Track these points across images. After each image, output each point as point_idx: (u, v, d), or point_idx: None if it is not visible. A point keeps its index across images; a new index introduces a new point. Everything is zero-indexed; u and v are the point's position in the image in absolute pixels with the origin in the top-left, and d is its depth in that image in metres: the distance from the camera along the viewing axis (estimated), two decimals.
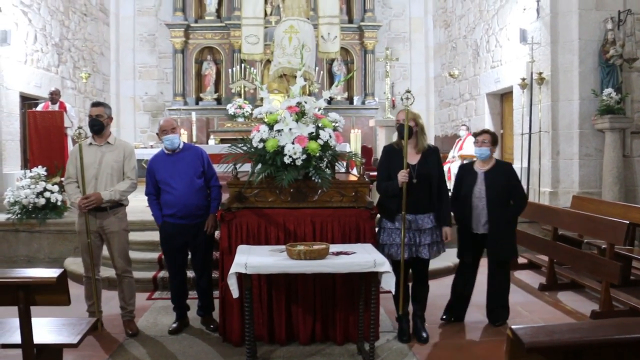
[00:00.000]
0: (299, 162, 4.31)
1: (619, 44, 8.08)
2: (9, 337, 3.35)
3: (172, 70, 15.06)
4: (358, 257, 3.92)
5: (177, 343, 4.68)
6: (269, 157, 4.39)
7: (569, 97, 8.57)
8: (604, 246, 5.72)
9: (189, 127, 13.26)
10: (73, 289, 4.18)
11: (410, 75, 16.03)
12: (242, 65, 13.37)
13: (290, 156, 4.30)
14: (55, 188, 7.64)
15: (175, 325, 4.97)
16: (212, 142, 12.55)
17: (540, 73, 8.76)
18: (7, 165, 8.97)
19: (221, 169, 4.71)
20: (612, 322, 2.49)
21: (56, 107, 9.39)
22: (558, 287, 6.24)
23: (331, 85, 14.27)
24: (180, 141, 4.87)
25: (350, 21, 15.00)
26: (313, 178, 4.38)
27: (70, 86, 12.03)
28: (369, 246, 4.28)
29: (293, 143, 4.33)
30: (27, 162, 9.24)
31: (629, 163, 8.38)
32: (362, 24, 14.90)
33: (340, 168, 5.20)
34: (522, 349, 1.85)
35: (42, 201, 7.53)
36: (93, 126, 4.85)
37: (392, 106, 13.14)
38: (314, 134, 4.42)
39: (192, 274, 5.27)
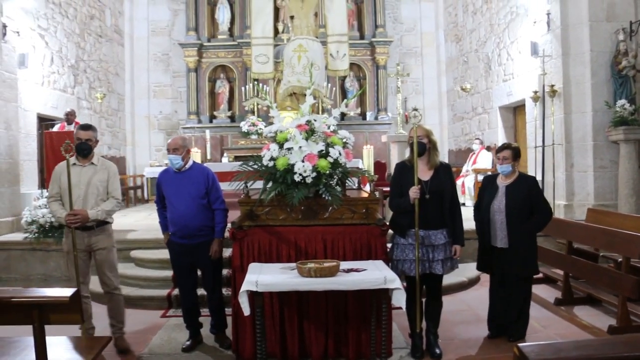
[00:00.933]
0: (309, 180, 4.33)
1: (632, 55, 8.05)
2: (25, 356, 3.39)
3: (186, 88, 15.22)
4: (368, 274, 3.92)
5: None
6: (280, 175, 4.41)
7: (581, 109, 8.54)
8: (620, 259, 5.65)
9: (202, 145, 13.38)
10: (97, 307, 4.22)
11: (423, 90, 16.04)
12: (255, 82, 13.49)
13: (301, 174, 4.32)
14: None
15: (188, 343, 4.98)
16: (226, 159, 12.62)
17: (552, 85, 8.73)
18: (25, 185, 9.10)
19: (232, 187, 4.74)
20: (620, 338, 2.47)
21: (72, 127, 9.53)
22: (574, 302, 6.16)
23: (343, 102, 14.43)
24: (181, 162, 4.85)
25: (361, 37, 15.09)
26: (323, 195, 4.40)
27: (86, 106, 12.22)
28: (380, 263, 4.28)
29: (303, 161, 4.36)
30: (44, 182, 9.37)
31: None
32: (373, 39, 14.97)
33: (352, 185, 5.22)
34: None
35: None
36: (82, 150, 4.84)
37: (405, 121, 13.15)
38: (324, 151, 4.44)
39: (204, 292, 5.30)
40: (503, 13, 11.16)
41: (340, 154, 4.47)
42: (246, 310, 3.88)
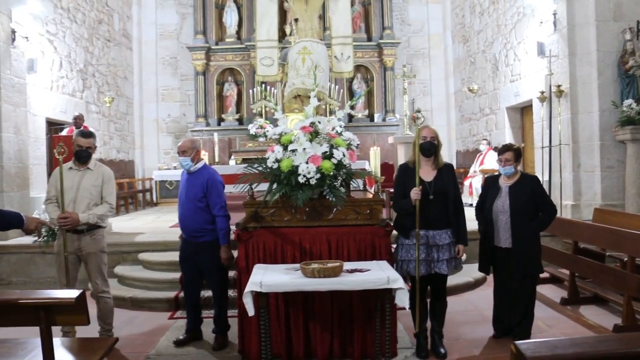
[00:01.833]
0: (313, 182, 4.36)
1: (638, 55, 8.02)
2: (32, 358, 3.44)
3: (194, 92, 15.32)
4: (372, 274, 3.94)
5: None
6: (284, 177, 4.45)
7: (588, 109, 8.52)
8: (626, 259, 5.64)
9: (211, 148, 13.45)
10: (94, 309, 4.27)
11: (431, 91, 16.05)
12: (263, 85, 13.55)
13: (305, 175, 4.35)
14: None
15: (181, 337, 5.12)
16: (233, 162, 12.68)
17: (559, 86, 8.72)
18: (34, 188, 9.19)
19: (237, 189, 4.79)
20: (617, 336, 2.48)
21: None
22: (580, 301, 6.15)
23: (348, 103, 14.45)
24: (190, 163, 4.99)
25: (369, 39, 15.13)
26: (327, 197, 4.43)
27: (95, 110, 12.32)
28: (384, 263, 4.30)
29: (307, 163, 4.39)
30: None
31: None
32: (381, 41, 15.02)
33: (358, 186, 5.24)
34: None
35: None
36: (82, 157, 4.94)
37: (413, 122, 13.16)
38: (328, 153, 4.47)
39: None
40: (510, 14, 11.15)
41: (344, 155, 4.50)
42: (250, 311, 3.92)
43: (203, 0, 15.05)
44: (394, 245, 4.80)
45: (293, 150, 4.49)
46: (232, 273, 6.57)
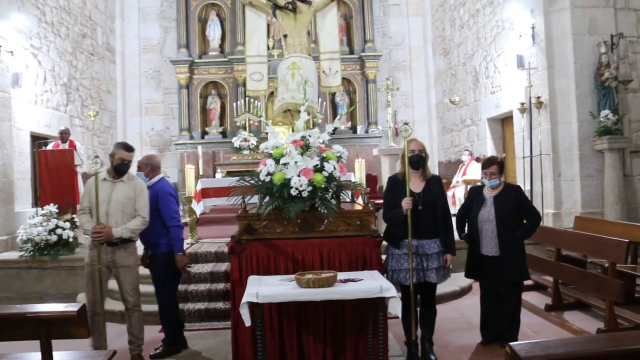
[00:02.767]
0: (305, 194, 4.46)
1: (614, 67, 8.28)
2: None
3: (178, 105, 15.35)
4: (365, 283, 4.04)
5: None
6: (276, 190, 4.53)
7: (567, 119, 8.75)
8: (607, 265, 5.82)
9: (195, 161, 13.45)
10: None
11: (412, 103, 16.26)
12: (247, 98, 13.65)
13: (297, 188, 4.44)
14: (67, 225, 7.81)
15: (157, 350, 5.29)
16: (219, 175, 12.73)
17: (539, 97, 8.95)
18: (19, 203, 9.17)
19: (230, 202, 4.87)
20: (605, 336, 2.61)
21: (66, 145, 9.63)
22: (564, 307, 6.32)
23: (335, 116, 14.61)
24: (145, 179, 5.28)
25: (351, 52, 15.30)
26: (319, 209, 4.52)
27: (79, 124, 12.31)
28: (376, 273, 4.40)
29: (299, 176, 4.48)
30: (37, 200, 9.42)
31: (630, 182, 8.51)
32: (362, 54, 15.20)
33: (346, 197, 5.35)
34: None
35: (54, 238, 7.69)
36: (122, 171, 5.01)
37: (396, 134, 13.34)
38: (319, 166, 4.57)
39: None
40: (489, 27, 11.39)
41: (334, 168, 4.60)
42: (247, 322, 3.98)
43: (186, 14, 15.13)
44: (384, 256, 4.91)
45: (285, 164, 4.58)
46: (221, 285, 6.64)
